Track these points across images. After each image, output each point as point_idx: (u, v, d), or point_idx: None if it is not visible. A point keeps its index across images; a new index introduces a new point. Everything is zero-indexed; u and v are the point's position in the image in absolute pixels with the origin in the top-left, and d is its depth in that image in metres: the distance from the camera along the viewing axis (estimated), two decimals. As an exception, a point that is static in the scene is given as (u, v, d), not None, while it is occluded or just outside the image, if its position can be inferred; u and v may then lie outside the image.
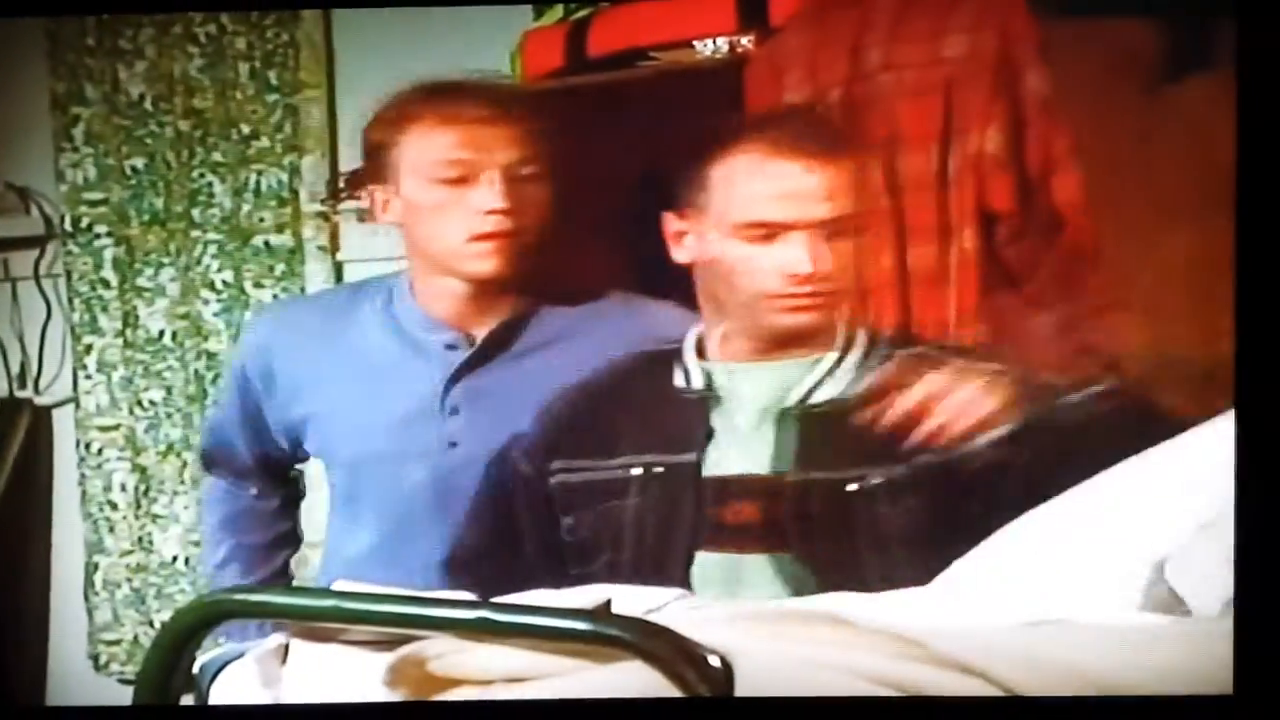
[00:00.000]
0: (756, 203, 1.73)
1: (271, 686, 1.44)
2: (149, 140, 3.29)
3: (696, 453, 1.77)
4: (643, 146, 2.20)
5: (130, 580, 3.36)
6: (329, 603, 1.46)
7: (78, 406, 3.39)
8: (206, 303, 3.29)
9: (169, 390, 3.33)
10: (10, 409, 3.40)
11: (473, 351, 2.09)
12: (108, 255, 3.33)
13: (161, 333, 3.33)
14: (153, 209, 3.30)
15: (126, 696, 1.49)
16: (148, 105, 3.28)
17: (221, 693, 1.48)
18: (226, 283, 3.28)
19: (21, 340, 3.43)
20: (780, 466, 1.75)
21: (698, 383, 1.81)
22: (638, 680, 1.25)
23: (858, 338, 1.82)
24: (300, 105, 3.22)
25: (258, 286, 3.26)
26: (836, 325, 1.81)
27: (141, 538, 3.36)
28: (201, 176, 3.27)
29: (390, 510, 2.12)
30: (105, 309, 3.35)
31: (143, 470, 3.35)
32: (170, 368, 3.33)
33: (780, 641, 1.29)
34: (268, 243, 3.25)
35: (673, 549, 1.76)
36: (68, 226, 3.34)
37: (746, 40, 2.31)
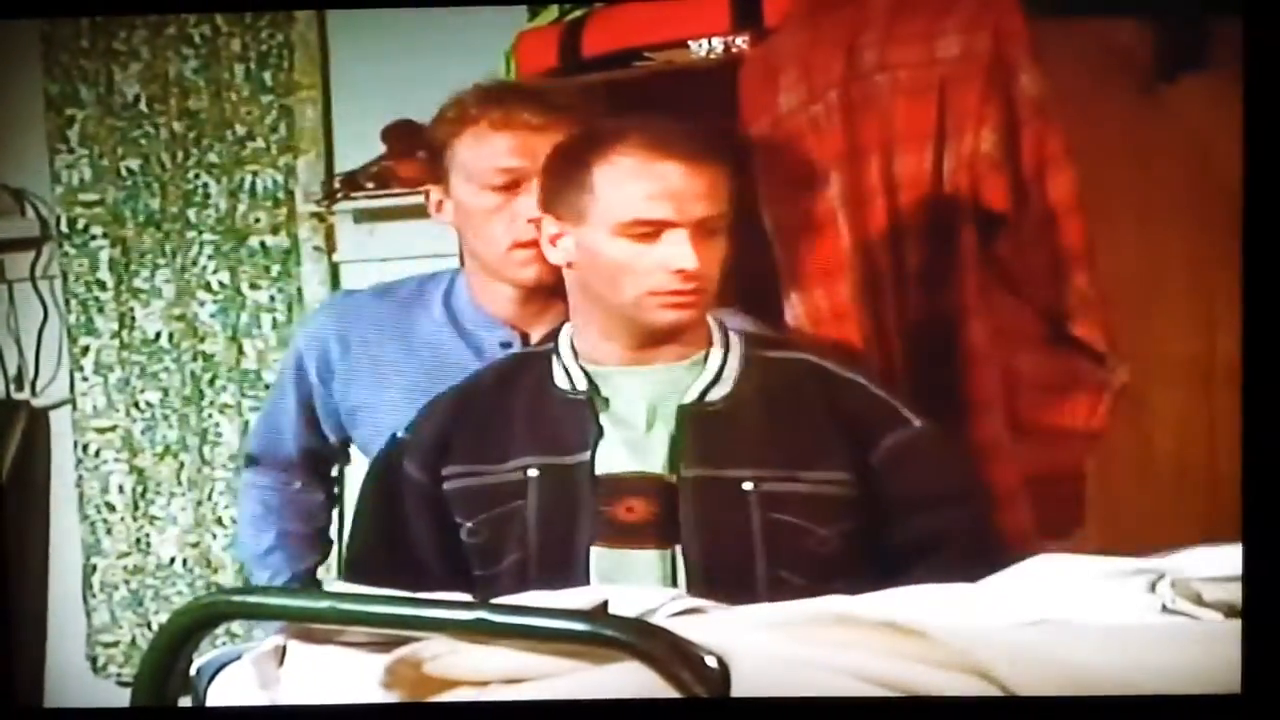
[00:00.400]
0: (641, 202, 1.76)
1: (268, 688, 1.44)
2: (144, 141, 3.29)
3: (590, 452, 1.81)
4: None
5: (128, 582, 3.37)
6: (325, 604, 1.46)
7: (75, 408, 3.39)
8: (202, 304, 3.29)
9: (166, 391, 3.33)
10: (7, 411, 3.40)
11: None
12: (103, 257, 3.33)
13: (158, 334, 3.33)
14: (148, 210, 3.30)
15: (124, 698, 1.50)
16: (143, 107, 3.28)
17: (219, 694, 1.48)
18: (222, 283, 3.28)
19: (18, 342, 3.43)
20: (673, 465, 1.80)
21: (581, 384, 1.84)
22: (634, 681, 1.25)
23: (731, 337, 1.86)
24: (295, 106, 3.22)
25: (253, 287, 3.26)
26: (708, 323, 1.87)
27: (139, 539, 3.36)
28: (197, 177, 3.27)
29: None
30: (101, 310, 3.35)
31: (140, 472, 3.35)
32: (167, 369, 3.33)
33: (777, 642, 1.29)
34: (263, 243, 3.25)
35: (575, 548, 1.80)
36: (63, 228, 3.34)
37: (741, 41, 2.30)
